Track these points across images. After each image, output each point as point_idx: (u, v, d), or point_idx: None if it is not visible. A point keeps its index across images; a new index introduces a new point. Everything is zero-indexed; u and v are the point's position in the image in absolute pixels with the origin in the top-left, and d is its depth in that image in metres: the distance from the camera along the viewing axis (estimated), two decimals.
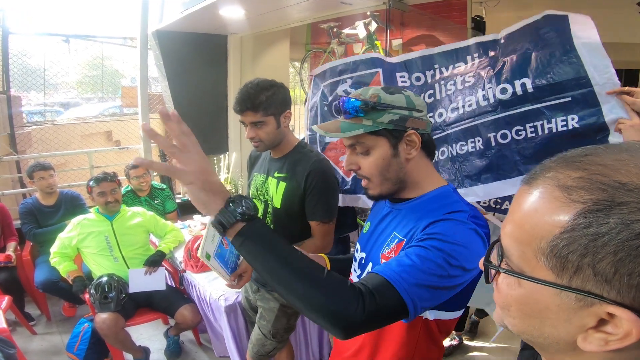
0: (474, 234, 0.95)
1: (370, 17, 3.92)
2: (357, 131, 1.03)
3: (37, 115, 6.91)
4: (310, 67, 5.76)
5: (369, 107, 1.02)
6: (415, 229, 1.01)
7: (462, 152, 1.98)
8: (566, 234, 0.44)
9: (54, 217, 3.45)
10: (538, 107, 1.74)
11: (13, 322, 3.17)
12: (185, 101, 4.30)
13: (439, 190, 1.09)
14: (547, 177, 0.47)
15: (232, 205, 0.86)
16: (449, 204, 1.03)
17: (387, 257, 1.05)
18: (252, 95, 1.71)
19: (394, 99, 1.03)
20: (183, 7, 3.52)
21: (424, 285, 0.87)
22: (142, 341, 3.00)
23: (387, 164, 1.05)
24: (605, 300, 0.43)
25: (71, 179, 4.80)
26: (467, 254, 0.92)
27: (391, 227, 1.11)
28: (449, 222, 0.95)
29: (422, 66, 2.12)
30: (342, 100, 1.05)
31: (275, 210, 1.88)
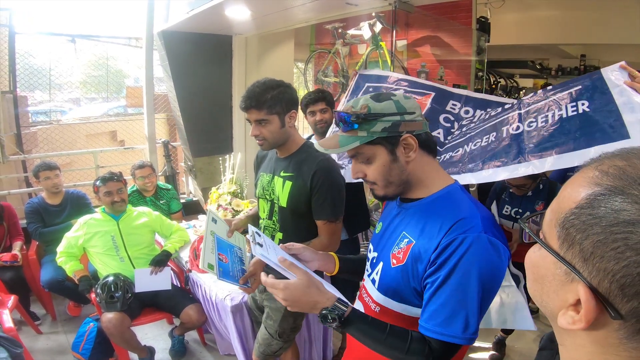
0: (491, 250, 0.97)
1: (376, 18, 3.92)
2: (354, 144, 1.08)
3: (42, 115, 6.93)
4: (315, 67, 5.76)
5: (361, 119, 1.06)
6: (427, 230, 1.05)
7: (475, 147, 1.99)
8: (576, 210, 0.47)
9: (60, 217, 3.46)
10: (552, 99, 1.81)
11: (18, 321, 3.19)
12: (190, 101, 4.31)
13: (445, 190, 1.11)
14: (600, 160, 0.50)
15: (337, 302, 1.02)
16: (456, 208, 1.05)
17: (397, 257, 1.10)
18: (257, 94, 1.74)
19: (384, 107, 1.07)
20: (189, 7, 3.53)
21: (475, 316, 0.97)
22: (147, 341, 3.01)
23: (389, 169, 1.10)
24: (581, 277, 0.46)
25: (77, 179, 4.81)
26: (492, 275, 0.98)
27: (401, 226, 1.15)
28: (467, 250, 0.96)
29: (477, 105, 2.26)
30: (337, 115, 1.11)
31: (282, 209, 1.89)
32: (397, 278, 1.09)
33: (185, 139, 4.47)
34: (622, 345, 0.46)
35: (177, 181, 5.04)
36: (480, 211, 1.04)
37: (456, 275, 0.96)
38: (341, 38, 4.74)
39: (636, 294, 0.43)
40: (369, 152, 1.10)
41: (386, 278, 1.14)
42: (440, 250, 0.98)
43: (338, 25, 4.56)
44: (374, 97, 1.09)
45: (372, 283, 1.19)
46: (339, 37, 4.75)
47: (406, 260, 1.07)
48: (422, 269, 1.03)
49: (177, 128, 4.83)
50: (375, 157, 1.10)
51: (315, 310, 1.02)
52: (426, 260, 1.02)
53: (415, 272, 1.05)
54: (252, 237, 1.17)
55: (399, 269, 1.09)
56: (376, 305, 1.16)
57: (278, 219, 1.93)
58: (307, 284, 1.03)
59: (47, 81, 5.96)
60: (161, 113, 6.25)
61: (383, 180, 1.11)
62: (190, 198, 4.99)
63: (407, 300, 1.09)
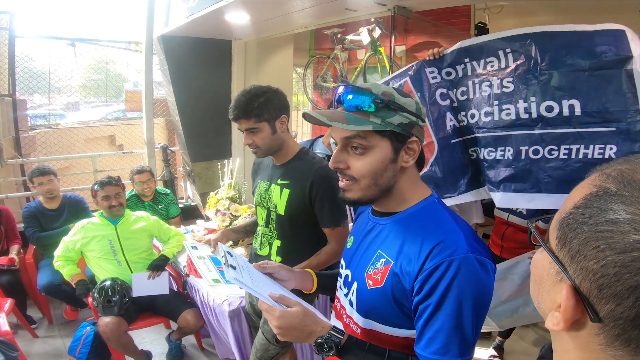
0: (479, 270, 0.92)
1: (375, 24, 3.94)
2: (366, 126, 0.95)
3: (40, 118, 6.93)
4: (314, 73, 5.78)
5: (383, 104, 0.96)
6: (405, 250, 0.98)
7: (489, 158, 1.95)
8: (573, 210, 0.48)
9: (58, 221, 3.46)
10: (579, 131, 1.69)
11: (15, 325, 3.17)
12: (189, 106, 4.31)
13: (423, 203, 1.04)
14: (608, 164, 0.50)
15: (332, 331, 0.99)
16: (437, 226, 0.98)
17: (374, 278, 1.02)
18: (243, 103, 1.74)
19: (406, 102, 0.99)
20: (189, 12, 3.54)
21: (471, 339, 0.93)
22: (144, 345, 3.00)
23: (384, 169, 0.99)
24: (567, 275, 0.47)
25: (75, 183, 4.81)
26: (484, 295, 0.94)
27: (376, 243, 1.07)
28: (455, 274, 0.90)
29: (452, 60, 2.05)
30: (346, 89, 0.99)
31: (279, 217, 1.88)
32: (376, 300, 1.02)
33: (184, 143, 4.47)
34: (602, 353, 0.46)
35: (176, 186, 5.04)
36: (462, 228, 0.97)
37: (449, 301, 0.90)
38: (340, 43, 4.77)
39: (613, 296, 0.42)
40: (372, 142, 0.97)
41: (364, 300, 1.06)
42: (426, 276, 0.92)
43: (337, 31, 4.59)
44: (397, 90, 1.00)
45: (350, 305, 1.12)
46: (338, 43, 4.77)
47: (385, 282, 1.00)
48: (407, 290, 0.96)
49: (175, 133, 4.84)
50: (376, 149, 0.98)
51: (310, 339, 0.99)
52: (409, 285, 0.95)
53: (398, 295, 0.98)
54: (224, 258, 1.11)
55: (377, 290, 1.01)
56: (357, 327, 1.09)
57: (275, 226, 1.92)
58: (303, 313, 0.99)
59: (46, 85, 5.97)
60: (160, 117, 6.26)
61: (370, 179, 1.00)
62: (189, 203, 4.99)
63: (390, 322, 1.02)
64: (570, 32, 1.72)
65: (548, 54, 1.75)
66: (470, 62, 1.99)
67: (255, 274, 1.16)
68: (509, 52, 1.86)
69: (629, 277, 0.41)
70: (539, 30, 1.78)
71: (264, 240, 1.97)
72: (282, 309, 0.99)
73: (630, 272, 0.41)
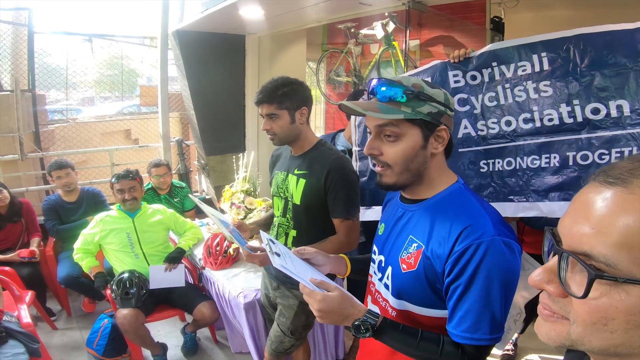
0: (506, 251, 0.97)
1: (389, 18, 3.92)
2: (398, 115, 1.03)
3: (57, 113, 7.04)
4: (327, 67, 5.77)
5: (413, 95, 1.03)
6: (435, 234, 1.04)
7: (534, 167, 1.86)
8: None
9: (76, 214, 3.52)
10: (631, 132, 1.61)
11: (35, 317, 3.23)
12: (204, 100, 4.35)
13: (451, 188, 1.10)
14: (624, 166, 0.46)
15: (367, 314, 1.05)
16: (464, 210, 1.04)
17: (408, 262, 1.09)
18: (269, 89, 1.80)
19: (435, 93, 1.05)
20: (203, 7, 3.56)
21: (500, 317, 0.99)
22: (159, 337, 3.04)
23: (414, 155, 1.06)
24: None
25: (92, 176, 4.89)
26: (512, 275, 0.99)
27: (407, 229, 1.13)
28: (484, 255, 0.95)
29: (478, 64, 1.95)
30: (380, 81, 1.07)
31: (295, 206, 1.90)
32: (411, 283, 1.08)
33: (198, 137, 4.51)
34: None
35: (191, 179, 5.09)
36: (488, 211, 1.03)
37: (478, 281, 0.96)
38: (354, 38, 4.75)
39: None
40: (404, 130, 1.05)
41: (399, 283, 1.12)
42: (456, 258, 0.98)
43: (350, 25, 4.57)
44: (426, 82, 1.07)
45: (386, 288, 1.18)
46: (352, 37, 4.76)
47: (418, 266, 1.06)
48: (438, 273, 1.02)
49: (190, 127, 4.88)
50: (407, 137, 1.05)
51: (348, 322, 1.03)
52: (440, 267, 1.01)
53: (430, 277, 1.04)
54: (268, 246, 1.15)
55: (411, 274, 1.08)
56: (393, 310, 1.15)
57: (292, 216, 1.94)
58: (341, 297, 1.04)
59: (64, 80, 6.05)
60: (174, 112, 6.32)
61: (402, 165, 1.07)
62: (203, 196, 5.04)
63: (424, 303, 1.08)
64: (609, 32, 1.64)
65: (588, 56, 1.68)
66: (498, 66, 1.91)
67: (295, 259, 1.19)
68: (544, 56, 1.78)
69: None
70: (577, 32, 1.71)
71: (280, 231, 1.99)
72: (323, 293, 1.03)
73: None
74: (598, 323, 0.46)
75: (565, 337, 0.50)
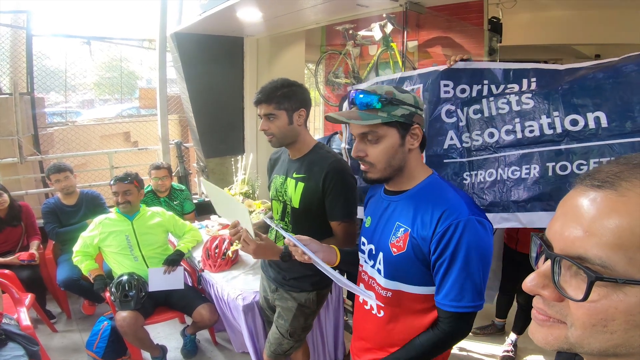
0: (480, 228, 1.15)
1: (386, 19, 3.92)
2: (376, 120, 1.20)
3: (57, 116, 7.04)
4: (325, 68, 5.78)
5: (387, 101, 1.20)
6: (419, 218, 1.21)
7: (514, 177, 1.88)
8: None
9: (75, 217, 3.52)
10: (608, 143, 1.63)
11: (35, 319, 3.24)
12: (203, 103, 4.36)
13: (428, 179, 1.28)
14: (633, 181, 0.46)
15: None
16: (442, 196, 1.21)
17: (397, 246, 1.25)
18: (268, 89, 1.82)
19: (405, 97, 1.23)
20: (201, 9, 3.57)
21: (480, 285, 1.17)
22: (159, 339, 3.04)
23: (394, 152, 1.24)
24: None
25: (92, 179, 4.89)
26: (486, 249, 1.17)
27: (393, 218, 1.29)
28: (462, 233, 1.13)
29: (470, 79, 1.99)
30: (357, 92, 1.24)
31: (294, 210, 1.90)
32: (402, 264, 1.24)
33: (197, 140, 4.52)
34: None
35: (190, 182, 5.09)
36: (462, 196, 1.20)
37: (459, 256, 1.14)
38: (352, 39, 4.75)
39: None
40: (383, 132, 1.22)
41: (391, 265, 1.27)
42: (439, 238, 1.15)
43: (349, 27, 4.57)
44: (397, 88, 1.24)
45: (379, 272, 1.32)
46: (350, 39, 4.75)
47: (407, 247, 1.22)
48: (425, 252, 1.19)
49: (189, 129, 4.89)
50: (386, 138, 1.23)
51: None
52: (426, 247, 1.18)
53: (419, 256, 1.21)
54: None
55: (401, 256, 1.24)
56: (387, 291, 1.30)
57: (290, 220, 1.94)
58: None
59: (62, 83, 6.05)
60: (173, 114, 6.32)
61: (385, 162, 1.24)
62: (203, 199, 5.04)
63: (416, 281, 1.24)
64: (599, 66, 1.69)
65: (573, 77, 1.74)
66: (488, 85, 1.95)
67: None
68: (534, 80, 1.85)
69: None
70: (568, 67, 1.80)
71: (279, 234, 2.00)
72: None
73: None
74: (598, 325, 0.47)
75: (563, 341, 0.50)
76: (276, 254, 1.67)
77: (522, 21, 4.64)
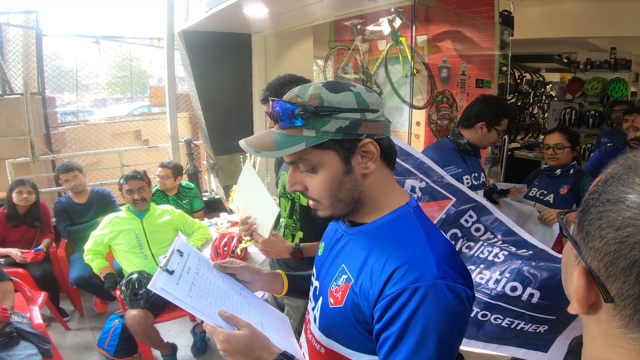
0: (450, 298, 0.78)
1: (395, 14, 3.88)
2: (296, 147, 0.82)
3: (70, 115, 7.14)
4: (334, 64, 5.74)
5: (309, 113, 0.81)
6: (367, 267, 0.86)
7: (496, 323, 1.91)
8: (587, 196, 0.50)
9: (87, 215, 3.56)
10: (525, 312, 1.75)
11: (48, 317, 3.28)
12: (211, 100, 4.36)
13: (397, 212, 0.90)
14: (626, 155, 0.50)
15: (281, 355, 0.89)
16: (406, 242, 0.85)
17: (335, 297, 0.92)
18: (276, 86, 1.76)
19: (341, 100, 0.82)
20: (207, 6, 3.56)
21: None
22: (169, 338, 3.06)
23: (339, 184, 0.86)
24: (581, 257, 0.48)
25: (103, 178, 4.94)
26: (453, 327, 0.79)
27: (342, 256, 0.96)
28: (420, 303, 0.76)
29: (492, 226, 1.96)
30: (273, 105, 0.86)
31: (302, 207, 1.88)
32: (338, 320, 0.92)
33: (207, 137, 4.53)
34: (622, 337, 0.45)
35: (200, 179, 5.11)
36: (434, 247, 0.83)
37: (411, 334, 0.77)
38: (360, 34, 4.71)
39: (618, 273, 0.43)
40: (316, 159, 0.84)
41: (326, 318, 0.95)
42: (387, 304, 0.79)
43: (357, 22, 4.53)
44: (328, 86, 0.84)
45: (314, 321, 1.01)
46: (358, 34, 4.71)
47: (344, 302, 0.89)
48: (366, 315, 0.85)
49: (199, 126, 4.90)
50: (323, 165, 0.85)
51: None
52: (368, 310, 0.84)
53: (358, 317, 0.87)
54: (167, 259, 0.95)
55: (337, 310, 0.91)
56: (320, 347, 0.98)
57: (299, 217, 1.93)
58: (250, 337, 0.89)
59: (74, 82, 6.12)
60: (183, 112, 6.35)
61: (330, 198, 0.88)
62: (213, 196, 5.05)
63: (353, 345, 0.91)
64: None
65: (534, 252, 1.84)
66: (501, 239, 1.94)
67: (212, 277, 1.03)
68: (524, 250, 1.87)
69: (627, 252, 0.42)
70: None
71: (287, 232, 1.98)
72: (228, 332, 0.89)
73: (627, 247, 0.42)
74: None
75: None
76: (286, 252, 1.65)
77: (534, 14, 4.56)
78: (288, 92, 0.88)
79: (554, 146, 2.61)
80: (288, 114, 0.82)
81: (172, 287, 0.88)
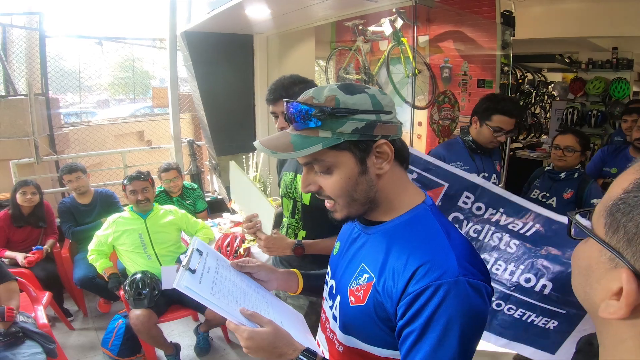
0: (472, 295, 0.79)
1: (396, 14, 3.88)
2: (313, 148, 0.84)
3: (73, 116, 7.16)
4: (336, 65, 5.75)
5: (326, 115, 0.82)
6: (389, 266, 0.87)
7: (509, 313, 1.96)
8: (623, 195, 0.47)
9: (90, 215, 3.58)
10: (537, 304, 1.84)
11: (52, 317, 3.30)
12: (214, 101, 4.37)
13: (414, 211, 0.92)
14: None
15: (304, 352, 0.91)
16: (426, 240, 0.86)
17: (356, 295, 0.93)
18: (286, 86, 1.75)
19: (357, 101, 0.84)
20: (209, 7, 3.58)
21: None
22: (173, 337, 3.08)
23: (354, 184, 0.88)
24: (623, 260, 0.45)
25: (106, 178, 4.95)
26: (475, 323, 0.81)
27: (360, 255, 0.97)
28: (443, 300, 0.78)
29: (490, 200, 1.97)
30: (288, 106, 0.87)
31: (305, 207, 1.89)
32: (359, 318, 0.93)
33: (209, 137, 4.54)
34: None
35: (202, 180, 5.13)
36: (454, 245, 0.85)
37: (434, 330, 0.78)
38: (362, 35, 4.72)
39: None
40: (332, 160, 0.86)
41: (347, 316, 0.96)
42: (410, 301, 0.81)
43: (358, 22, 4.54)
44: (343, 88, 0.85)
45: (334, 319, 1.02)
46: (360, 34, 4.72)
47: (367, 301, 0.90)
48: (389, 313, 0.86)
49: (201, 127, 4.92)
50: (339, 166, 0.87)
51: None
52: (392, 308, 0.85)
53: (381, 315, 0.88)
54: (188, 258, 0.97)
55: (359, 309, 0.92)
56: (340, 345, 1.00)
57: (301, 217, 1.93)
58: (274, 334, 0.90)
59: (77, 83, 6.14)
60: (186, 113, 6.37)
61: (346, 198, 0.89)
62: (215, 196, 5.07)
63: (374, 341, 0.93)
64: None
65: None
66: (503, 214, 1.94)
67: (230, 276, 1.04)
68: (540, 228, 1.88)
69: None
70: None
71: (289, 231, 1.99)
72: (252, 328, 0.90)
73: None
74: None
75: None
76: (288, 248, 1.65)
77: (535, 14, 4.56)
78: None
79: (565, 148, 2.53)
80: (302, 115, 0.84)
81: (196, 286, 0.90)
